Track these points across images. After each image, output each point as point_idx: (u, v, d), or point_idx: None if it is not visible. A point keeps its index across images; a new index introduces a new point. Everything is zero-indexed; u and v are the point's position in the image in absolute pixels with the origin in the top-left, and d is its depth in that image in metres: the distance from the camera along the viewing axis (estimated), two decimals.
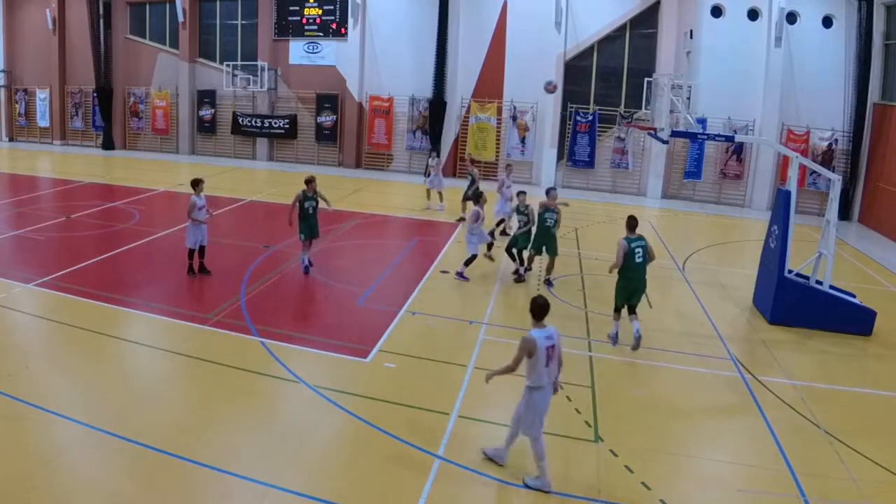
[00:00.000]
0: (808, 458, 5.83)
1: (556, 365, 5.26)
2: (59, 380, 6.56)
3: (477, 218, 10.35)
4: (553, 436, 5.98)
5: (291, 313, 9.03)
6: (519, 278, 10.64)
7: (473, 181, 14.31)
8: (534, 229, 10.51)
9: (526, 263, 10.74)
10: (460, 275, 10.50)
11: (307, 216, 10.18)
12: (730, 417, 6.80)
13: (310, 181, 10.33)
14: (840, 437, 6.19)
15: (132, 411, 5.98)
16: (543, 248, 10.46)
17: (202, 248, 9.82)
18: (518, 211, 10.75)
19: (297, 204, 10.13)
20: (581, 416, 6.39)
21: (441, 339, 8.22)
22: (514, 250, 10.68)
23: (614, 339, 8.22)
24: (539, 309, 5.15)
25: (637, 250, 7.89)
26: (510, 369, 5.22)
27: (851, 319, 9.01)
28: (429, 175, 16.28)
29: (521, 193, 11.01)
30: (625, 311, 8.15)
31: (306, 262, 10.44)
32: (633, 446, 5.88)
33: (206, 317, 8.38)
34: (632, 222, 8.02)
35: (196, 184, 9.60)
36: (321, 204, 10.40)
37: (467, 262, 10.50)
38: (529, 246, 10.56)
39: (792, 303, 9.12)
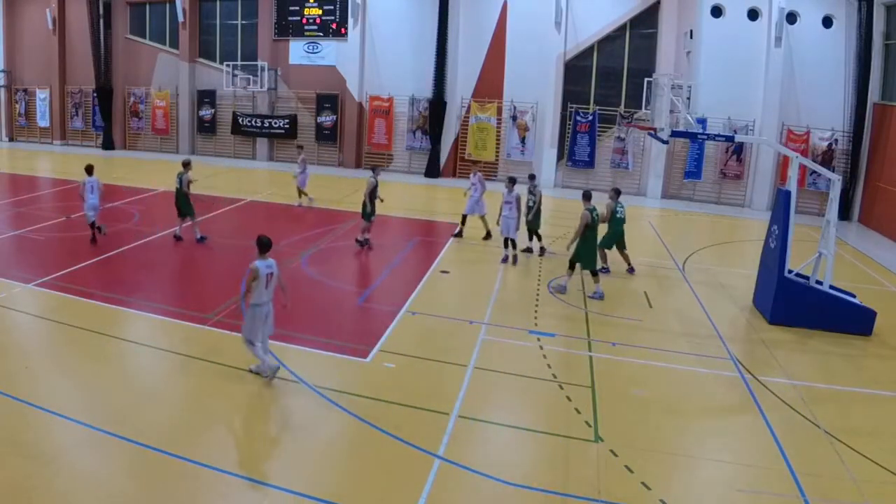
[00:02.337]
0: (808, 458, 5.81)
1: (274, 288, 6.74)
2: (58, 380, 6.56)
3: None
4: (553, 436, 6.00)
5: (291, 313, 8.95)
6: (527, 250, 12.24)
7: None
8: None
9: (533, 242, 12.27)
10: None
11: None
12: (730, 417, 6.79)
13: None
14: (840, 436, 6.18)
15: (132, 411, 5.98)
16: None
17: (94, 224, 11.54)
18: (529, 192, 12.06)
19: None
20: (581, 415, 6.38)
21: (441, 338, 8.21)
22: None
23: (563, 289, 10.02)
24: (263, 245, 6.65)
25: (595, 217, 9.84)
26: (244, 294, 6.62)
27: (851, 319, 8.99)
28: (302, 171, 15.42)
29: (527, 177, 12.57)
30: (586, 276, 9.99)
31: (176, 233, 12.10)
32: (633, 446, 5.87)
33: (206, 317, 8.38)
34: (588, 194, 10.09)
35: (89, 170, 11.40)
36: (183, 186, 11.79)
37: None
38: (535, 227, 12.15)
39: (792, 303, 9.11)
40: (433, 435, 5.84)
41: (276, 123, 23.46)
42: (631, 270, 11.48)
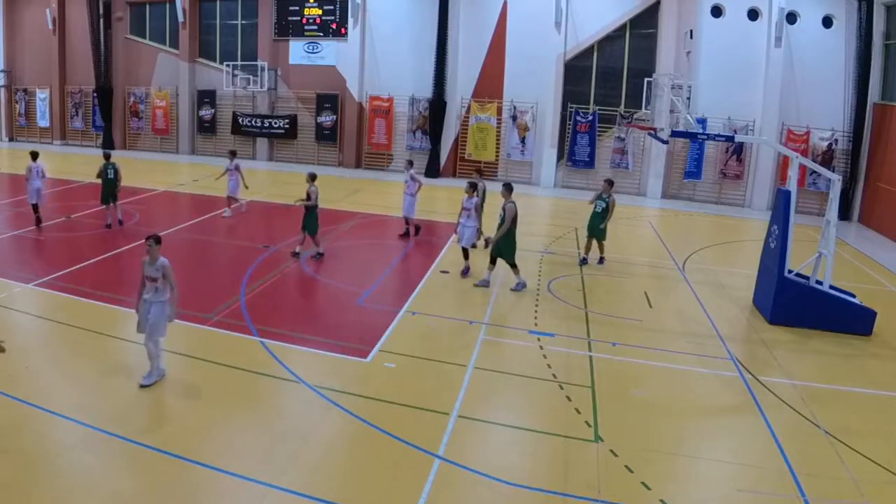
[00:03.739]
0: (808, 458, 5.81)
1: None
2: (58, 380, 6.55)
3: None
4: (553, 436, 5.99)
5: (291, 313, 9.01)
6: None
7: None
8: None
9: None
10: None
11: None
12: (729, 417, 6.78)
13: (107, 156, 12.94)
14: (840, 437, 6.17)
15: (132, 411, 5.97)
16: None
17: (35, 205, 12.47)
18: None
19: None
20: (581, 415, 6.37)
21: (441, 338, 8.20)
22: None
23: (486, 283, 10.10)
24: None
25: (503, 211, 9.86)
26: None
27: (851, 319, 8.98)
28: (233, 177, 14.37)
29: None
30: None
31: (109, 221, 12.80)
32: (633, 446, 5.86)
33: (206, 317, 8.36)
34: (509, 185, 10.08)
35: (34, 156, 12.68)
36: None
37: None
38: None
39: (792, 303, 9.10)
40: (433, 435, 5.83)
41: (276, 123, 23.45)
42: (601, 261, 11.91)
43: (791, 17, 18.81)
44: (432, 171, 21.75)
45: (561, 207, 17.10)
